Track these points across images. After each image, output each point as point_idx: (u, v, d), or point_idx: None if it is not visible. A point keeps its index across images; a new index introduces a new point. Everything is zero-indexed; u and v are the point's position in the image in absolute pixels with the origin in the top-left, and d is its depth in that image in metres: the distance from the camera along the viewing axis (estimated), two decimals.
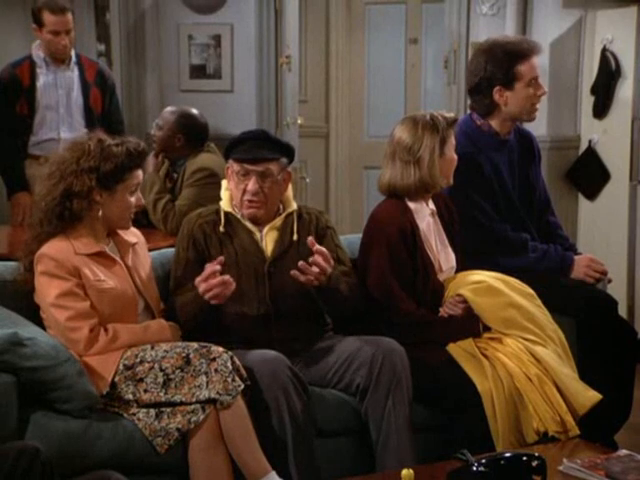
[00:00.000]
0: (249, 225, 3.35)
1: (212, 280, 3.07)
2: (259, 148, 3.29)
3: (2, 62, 5.13)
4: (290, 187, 3.42)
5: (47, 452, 2.42)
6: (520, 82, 3.73)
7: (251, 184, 3.29)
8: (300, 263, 3.11)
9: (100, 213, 3.14)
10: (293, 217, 3.39)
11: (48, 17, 4.81)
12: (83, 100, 4.97)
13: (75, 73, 4.98)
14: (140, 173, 3.21)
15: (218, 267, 3.08)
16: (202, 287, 3.09)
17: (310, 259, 3.12)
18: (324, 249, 3.16)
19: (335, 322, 3.45)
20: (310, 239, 3.17)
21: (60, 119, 4.94)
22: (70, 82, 4.97)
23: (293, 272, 3.11)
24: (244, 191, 3.31)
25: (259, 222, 3.36)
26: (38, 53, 4.92)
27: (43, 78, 4.91)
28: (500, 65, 3.73)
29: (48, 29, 4.83)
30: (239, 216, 3.36)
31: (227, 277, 3.09)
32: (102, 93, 5.03)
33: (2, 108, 4.89)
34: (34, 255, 3.11)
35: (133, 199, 3.19)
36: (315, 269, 3.12)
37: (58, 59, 4.92)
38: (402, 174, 3.42)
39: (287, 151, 3.37)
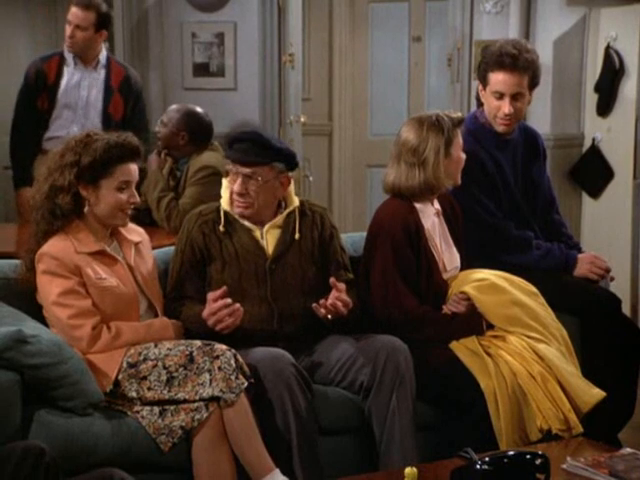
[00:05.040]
0: (247, 224, 3.35)
1: (221, 312, 3.08)
2: (251, 151, 3.29)
3: (4, 61, 5.12)
4: (292, 185, 3.42)
5: (51, 450, 2.43)
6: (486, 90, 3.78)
7: (237, 185, 3.30)
8: (321, 302, 3.14)
9: (86, 209, 3.13)
10: (295, 215, 3.40)
11: (71, 7, 4.85)
12: (102, 104, 4.94)
13: (101, 76, 4.95)
14: (131, 168, 3.15)
15: (229, 300, 3.10)
16: (212, 320, 3.09)
17: (325, 301, 3.14)
18: (344, 286, 3.19)
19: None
20: (332, 280, 3.18)
21: (75, 118, 4.92)
22: (94, 84, 4.93)
23: (315, 305, 3.14)
24: (232, 190, 3.33)
25: (255, 221, 3.36)
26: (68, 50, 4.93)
27: (68, 76, 4.89)
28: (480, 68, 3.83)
29: (67, 18, 4.86)
30: (236, 215, 3.37)
31: (237, 306, 3.10)
32: (125, 100, 4.97)
33: (24, 101, 4.89)
34: (34, 254, 3.11)
35: (124, 196, 3.14)
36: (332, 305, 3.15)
37: (83, 59, 4.90)
38: (407, 176, 3.42)
39: (283, 157, 3.34)
